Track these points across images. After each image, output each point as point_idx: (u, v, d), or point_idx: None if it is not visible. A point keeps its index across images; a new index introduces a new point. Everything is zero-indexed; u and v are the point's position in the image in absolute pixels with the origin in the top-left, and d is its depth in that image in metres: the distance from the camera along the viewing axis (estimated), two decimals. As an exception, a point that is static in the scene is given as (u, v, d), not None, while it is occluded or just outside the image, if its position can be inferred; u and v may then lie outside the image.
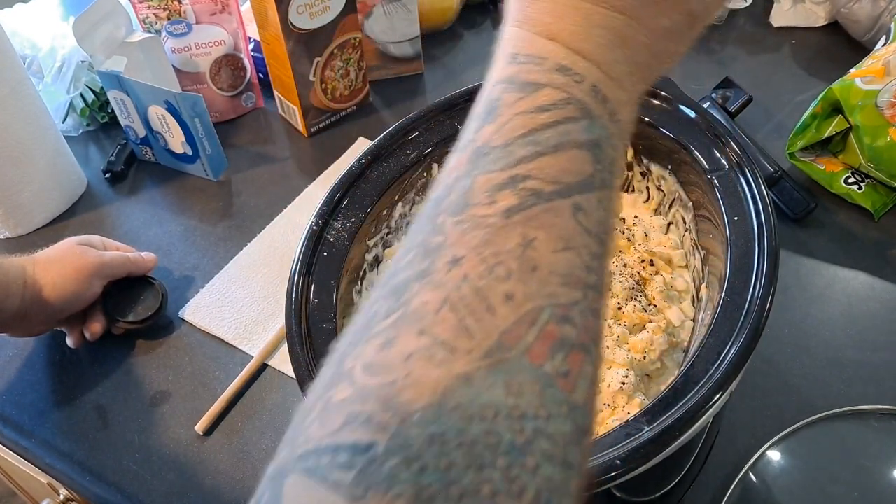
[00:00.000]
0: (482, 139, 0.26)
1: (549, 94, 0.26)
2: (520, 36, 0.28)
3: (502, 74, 0.27)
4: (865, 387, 0.59)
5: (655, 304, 0.54)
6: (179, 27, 0.84)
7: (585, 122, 0.26)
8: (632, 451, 0.38)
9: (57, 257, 0.65)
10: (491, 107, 0.26)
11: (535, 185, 0.24)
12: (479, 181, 0.25)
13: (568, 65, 0.26)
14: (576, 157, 0.25)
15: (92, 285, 0.66)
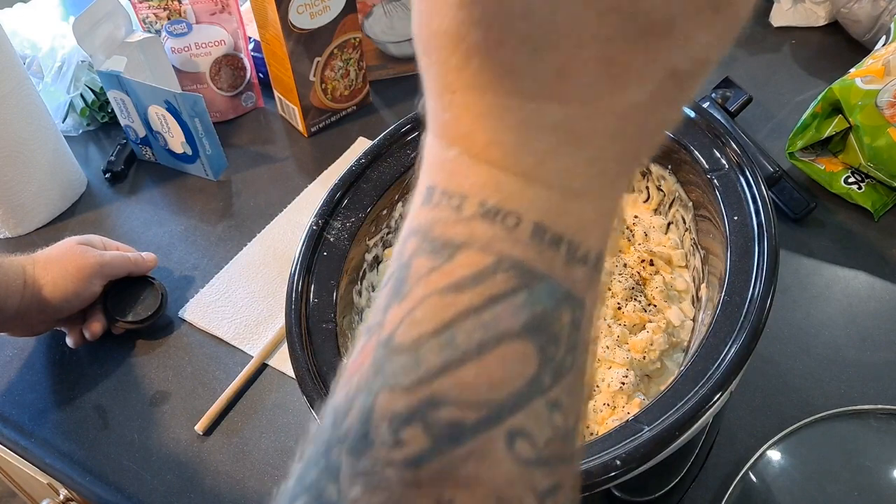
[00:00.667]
0: (389, 327, 0.20)
1: (468, 261, 0.19)
2: (438, 155, 0.21)
3: (416, 221, 0.21)
4: (865, 387, 0.59)
5: (655, 304, 0.54)
6: (179, 27, 0.84)
7: (523, 295, 0.19)
8: (632, 451, 0.38)
9: (57, 257, 0.65)
10: (401, 274, 0.20)
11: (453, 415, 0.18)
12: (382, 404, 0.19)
13: (496, 203, 0.19)
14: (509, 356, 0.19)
15: (92, 285, 0.65)
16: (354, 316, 0.54)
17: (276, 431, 0.62)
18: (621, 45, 0.18)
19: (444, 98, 0.20)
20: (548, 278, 0.19)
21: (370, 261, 0.58)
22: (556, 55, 0.18)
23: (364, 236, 0.56)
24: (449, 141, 0.20)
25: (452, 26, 0.19)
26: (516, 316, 0.19)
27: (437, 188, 0.20)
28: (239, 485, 0.58)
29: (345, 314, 0.52)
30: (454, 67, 0.20)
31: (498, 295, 0.19)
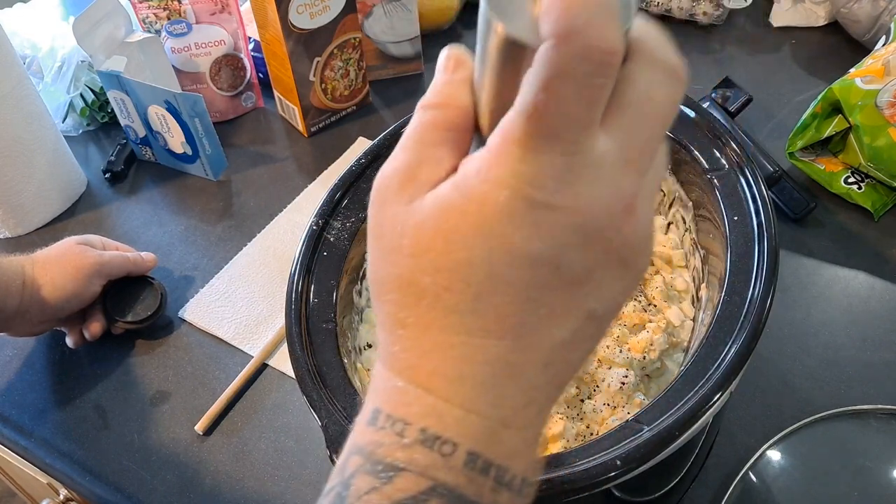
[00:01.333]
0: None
1: (406, 485, 0.21)
2: (385, 382, 0.23)
3: (360, 441, 0.23)
4: (865, 387, 0.59)
5: (655, 304, 0.54)
6: (179, 27, 0.84)
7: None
8: (632, 451, 0.38)
9: (56, 256, 0.65)
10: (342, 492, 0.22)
11: None
12: None
13: (436, 431, 0.21)
14: None
15: (91, 285, 0.65)
16: (354, 316, 0.54)
17: (276, 431, 0.62)
18: (549, 291, 0.22)
19: (396, 332, 0.23)
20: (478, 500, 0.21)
21: (370, 261, 0.58)
22: (496, 299, 0.22)
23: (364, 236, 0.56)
24: (396, 372, 0.23)
25: (405, 272, 0.23)
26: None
27: (383, 412, 0.23)
28: (239, 485, 0.58)
29: (345, 314, 0.52)
30: (405, 306, 0.23)
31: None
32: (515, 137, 0.21)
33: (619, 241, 0.22)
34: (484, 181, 0.21)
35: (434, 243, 0.22)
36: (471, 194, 0.21)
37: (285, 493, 0.58)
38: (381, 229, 0.24)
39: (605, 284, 0.23)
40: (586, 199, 0.21)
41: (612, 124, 0.21)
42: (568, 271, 0.22)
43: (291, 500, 0.57)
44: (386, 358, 0.24)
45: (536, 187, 0.21)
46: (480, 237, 0.21)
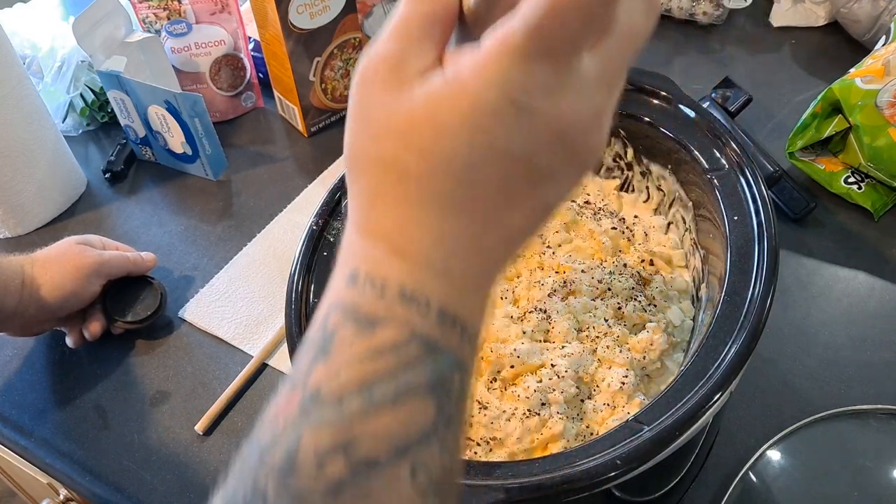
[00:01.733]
0: (313, 383, 0.24)
1: (387, 334, 0.24)
2: (362, 248, 0.26)
3: (340, 298, 0.25)
4: (865, 387, 0.59)
5: (655, 304, 0.54)
6: (179, 27, 0.84)
7: (429, 362, 0.24)
8: (632, 451, 0.38)
9: (56, 256, 0.65)
10: (325, 342, 0.24)
11: (369, 450, 0.22)
12: (307, 440, 0.23)
13: (412, 290, 0.24)
14: (416, 406, 0.23)
15: (91, 284, 0.65)
16: None
17: (276, 431, 0.61)
18: (518, 185, 0.25)
19: (374, 203, 0.26)
20: (447, 351, 0.25)
21: (370, 261, 0.58)
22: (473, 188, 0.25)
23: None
24: (373, 238, 0.25)
25: (390, 154, 0.25)
26: (423, 377, 0.24)
27: (361, 273, 0.25)
28: (239, 485, 0.58)
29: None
30: (387, 182, 0.25)
31: (411, 361, 0.24)
32: (514, 47, 0.23)
33: (584, 148, 0.25)
34: (477, 79, 0.23)
35: (423, 131, 0.24)
36: (463, 91, 0.24)
37: (285, 493, 0.58)
38: (366, 113, 0.25)
39: (562, 182, 0.26)
40: (566, 110, 0.24)
41: (597, 46, 0.24)
42: (537, 169, 0.25)
43: (291, 500, 0.57)
44: (361, 224, 0.26)
45: (525, 93, 0.23)
46: (467, 130, 0.24)
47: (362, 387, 0.23)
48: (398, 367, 0.23)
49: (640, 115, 0.56)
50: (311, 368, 0.24)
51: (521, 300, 0.55)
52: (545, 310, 0.53)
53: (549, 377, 0.49)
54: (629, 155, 0.60)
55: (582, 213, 0.60)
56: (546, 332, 0.53)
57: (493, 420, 0.48)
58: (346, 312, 0.24)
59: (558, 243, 0.58)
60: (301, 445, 0.22)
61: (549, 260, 0.57)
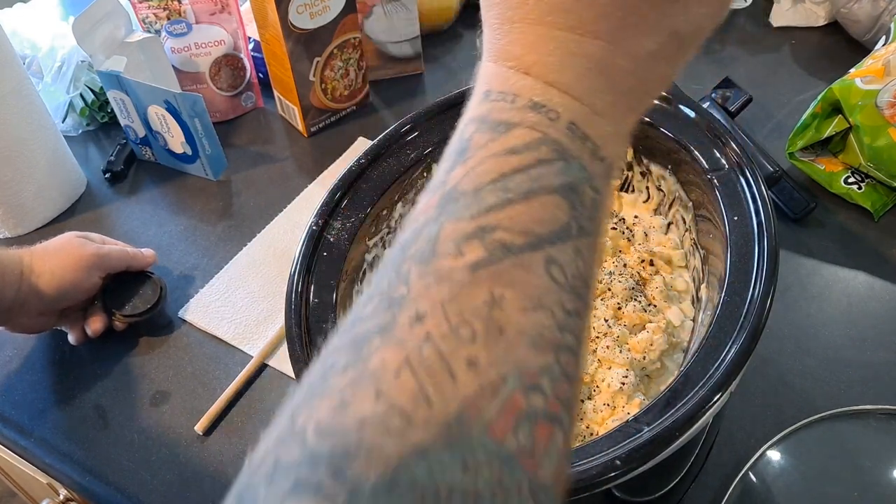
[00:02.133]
0: (452, 182, 0.24)
1: (520, 135, 0.24)
2: (493, 71, 0.26)
3: (475, 113, 0.26)
4: (865, 387, 0.59)
5: (655, 304, 0.54)
6: (179, 27, 0.84)
7: (560, 164, 0.24)
8: (632, 451, 0.38)
9: (55, 248, 0.65)
10: (462, 147, 0.25)
11: (505, 236, 0.23)
12: (447, 229, 0.23)
13: (542, 101, 0.25)
14: (549, 204, 0.24)
15: (90, 276, 0.65)
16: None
17: (276, 431, 0.61)
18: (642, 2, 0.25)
19: (503, 28, 0.26)
20: (577, 160, 0.25)
21: (370, 261, 0.58)
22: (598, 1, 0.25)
23: (364, 236, 0.56)
24: (504, 61, 0.26)
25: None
26: (556, 177, 0.24)
27: (494, 90, 0.26)
28: (239, 485, 0.58)
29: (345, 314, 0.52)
30: (513, 5, 0.26)
31: (543, 160, 0.24)
32: None
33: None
34: None
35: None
36: None
37: (285, 493, 0.58)
38: None
39: (691, 6, 0.25)
40: None
41: None
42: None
43: (291, 500, 0.57)
44: (493, 52, 0.26)
45: None
46: None
47: (497, 180, 0.23)
48: (531, 164, 0.24)
49: (640, 115, 0.56)
50: (450, 170, 0.25)
51: (521, 300, 0.55)
52: (545, 310, 0.53)
53: (549, 377, 0.49)
54: (629, 155, 0.60)
55: (582, 213, 0.60)
56: (546, 333, 0.53)
57: (493, 420, 0.48)
58: (481, 122, 0.25)
59: (558, 243, 0.58)
60: (441, 234, 0.23)
61: (549, 260, 0.57)
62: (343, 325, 0.24)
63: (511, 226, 0.23)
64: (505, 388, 0.21)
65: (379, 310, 0.23)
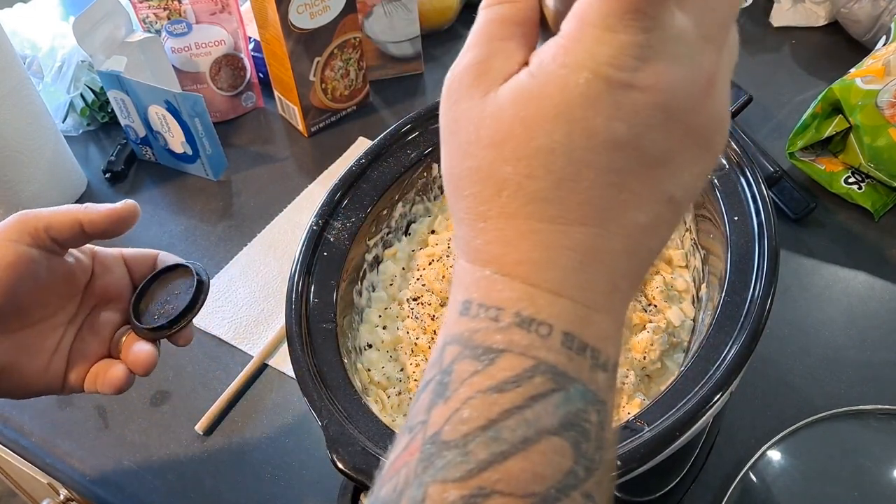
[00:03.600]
0: (434, 425, 0.21)
1: (509, 364, 0.21)
2: (471, 276, 0.23)
3: (455, 330, 0.23)
4: (865, 387, 0.59)
5: (655, 304, 0.54)
6: (179, 27, 0.84)
7: (558, 396, 0.21)
8: (632, 451, 0.38)
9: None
10: (443, 379, 0.22)
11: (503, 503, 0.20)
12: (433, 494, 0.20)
13: (530, 314, 0.22)
14: (549, 450, 0.20)
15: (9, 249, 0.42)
16: (354, 316, 0.54)
17: (276, 431, 0.62)
18: (630, 175, 0.22)
19: (477, 226, 0.23)
20: (578, 381, 0.21)
21: (370, 261, 0.58)
22: (578, 185, 0.22)
23: (364, 236, 0.56)
24: (482, 264, 0.23)
25: (484, 164, 0.23)
26: (554, 414, 0.21)
27: (474, 302, 0.22)
28: (239, 485, 0.58)
29: (345, 314, 0.52)
30: (486, 199, 0.23)
31: (538, 395, 0.21)
32: (592, 19, 0.21)
33: (699, 121, 0.22)
34: (562, 66, 0.21)
35: (513, 131, 0.22)
36: (549, 80, 0.21)
37: (285, 493, 0.58)
38: (455, 125, 0.23)
39: (684, 167, 0.23)
40: (667, 76, 0.21)
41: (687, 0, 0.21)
42: (649, 153, 0.22)
43: (291, 500, 0.57)
44: (468, 253, 0.24)
45: (616, 67, 0.21)
46: (561, 122, 0.21)
47: (487, 427, 0.20)
48: (524, 402, 0.21)
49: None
50: (431, 410, 0.22)
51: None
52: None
53: (550, 377, 0.49)
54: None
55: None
56: (546, 333, 0.53)
57: (493, 420, 0.48)
58: (462, 345, 0.22)
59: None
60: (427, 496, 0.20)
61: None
62: None
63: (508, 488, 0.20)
64: None
65: None
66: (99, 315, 0.48)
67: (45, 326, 0.46)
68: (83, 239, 0.45)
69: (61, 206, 0.45)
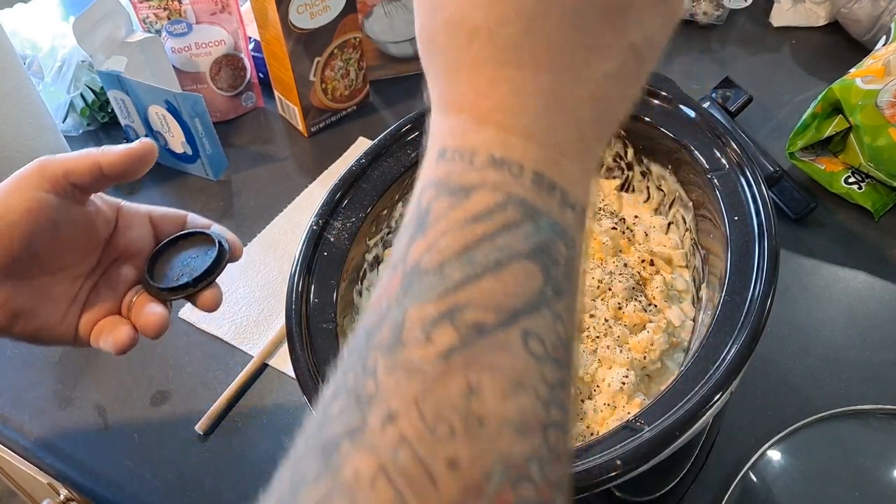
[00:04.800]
0: (413, 258, 0.23)
1: (482, 199, 0.23)
2: (446, 125, 0.24)
3: (432, 176, 0.24)
4: (865, 387, 0.59)
5: (655, 304, 0.54)
6: (179, 27, 0.84)
7: (529, 225, 0.23)
8: (632, 451, 0.38)
9: None
10: (421, 218, 0.23)
11: (476, 316, 0.21)
12: (412, 313, 0.22)
13: (503, 155, 0.23)
14: (520, 272, 0.22)
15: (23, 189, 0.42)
16: (355, 316, 0.54)
17: (276, 431, 0.62)
18: (594, 20, 0.23)
19: (450, 78, 0.24)
20: (547, 215, 0.23)
21: (370, 261, 0.58)
22: (546, 29, 0.23)
23: (364, 236, 0.56)
24: (455, 112, 0.24)
25: (456, 13, 0.24)
26: (525, 241, 0.22)
27: (449, 148, 0.24)
28: (239, 485, 0.58)
29: (345, 314, 0.52)
30: (459, 47, 0.24)
31: (509, 224, 0.22)
32: None
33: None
34: None
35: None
36: None
37: (285, 493, 0.58)
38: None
39: (645, 16, 0.24)
40: None
41: None
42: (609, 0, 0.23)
43: (291, 500, 0.57)
44: (442, 106, 0.25)
45: None
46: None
47: (462, 253, 0.22)
48: (497, 231, 0.22)
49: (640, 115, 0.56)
50: (410, 246, 0.23)
51: (522, 300, 0.55)
52: (545, 310, 0.53)
53: (550, 377, 0.49)
54: (629, 155, 0.60)
55: (582, 213, 0.60)
56: (546, 332, 0.53)
57: (493, 420, 0.48)
58: (439, 186, 0.23)
59: (558, 243, 0.58)
60: (406, 319, 0.21)
61: (550, 260, 0.57)
62: (310, 424, 0.22)
63: (481, 303, 0.21)
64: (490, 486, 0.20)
65: (347, 409, 0.21)
66: (117, 270, 0.48)
67: (64, 276, 0.46)
68: (103, 182, 0.45)
69: (80, 150, 0.45)
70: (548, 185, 0.23)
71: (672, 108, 0.55)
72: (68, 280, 0.46)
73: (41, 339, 0.46)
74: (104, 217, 0.47)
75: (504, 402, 0.21)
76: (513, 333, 0.21)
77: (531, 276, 0.22)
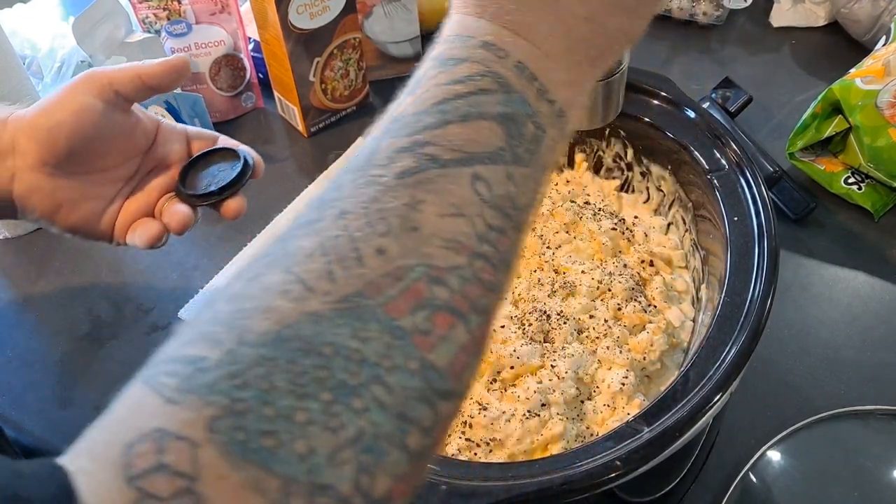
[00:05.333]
0: (400, 109, 0.26)
1: (466, 68, 0.26)
2: (455, 19, 0.28)
3: (432, 53, 0.28)
4: (865, 387, 0.59)
5: (655, 305, 0.54)
6: (179, 27, 0.84)
7: (501, 95, 0.26)
8: (632, 452, 0.38)
9: None
10: (415, 81, 0.27)
11: (435, 151, 0.24)
12: (384, 145, 0.25)
13: (492, 41, 0.27)
14: (485, 127, 0.25)
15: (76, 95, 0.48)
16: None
17: (276, 432, 0.61)
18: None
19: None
20: (520, 94, 0.26)
21: (370, 261, 0.58)
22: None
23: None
24: (463, 10, 0.28)
25: None
26: (495, 106, 0.26)
27: (452, 34, 0.28)
28: (239, 485, 0.58)
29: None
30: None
31: (485, 89, 0.26)
32: None
33: None
34: None
35: None
36: None
37: (285, 493, 0.58)
38: None
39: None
40: None
41: None
42: None
43: (291, 500, 0.57)
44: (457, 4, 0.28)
45: None
46: None
47: (437, 104, 0.25)
48: (471, 92, 0.25)
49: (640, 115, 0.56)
50: (401, 102, 0.26)
51: (522, 301, 0.55)
52: (545, 311, 0.53)
53: (549, 378, 0.49)
54: (629, 155, 0.60)
55: (582, 213, 0.60)
56: (546, 333, 0.53)
57: (493, 421, 0.48)
58: (435, 59, 0.27)
59: (558, 244, 0.58)
60: (379, 149, 0.25)
61: (549, 260, 0.57)
62: None
63: (443, 143, 0.25)
64: (409, 276, 0.23)
65: (309, 211, 0.25)
66: (153, 179, 0.54)
67: (106, 176, 0.51)
68: (144, 91, 0.50)
69: (123, 63, 0.51)
70: (528, 75, 0.26)
71: (672, 109, 0.55)
72: (109, 181, 0.51)
73: (80, 230, 0.52)
74: (144, 129, 0.52)
75: (440, 220, 0.24)
76: (464, 172, 0.24)
77: (493, 134, 0.25)
